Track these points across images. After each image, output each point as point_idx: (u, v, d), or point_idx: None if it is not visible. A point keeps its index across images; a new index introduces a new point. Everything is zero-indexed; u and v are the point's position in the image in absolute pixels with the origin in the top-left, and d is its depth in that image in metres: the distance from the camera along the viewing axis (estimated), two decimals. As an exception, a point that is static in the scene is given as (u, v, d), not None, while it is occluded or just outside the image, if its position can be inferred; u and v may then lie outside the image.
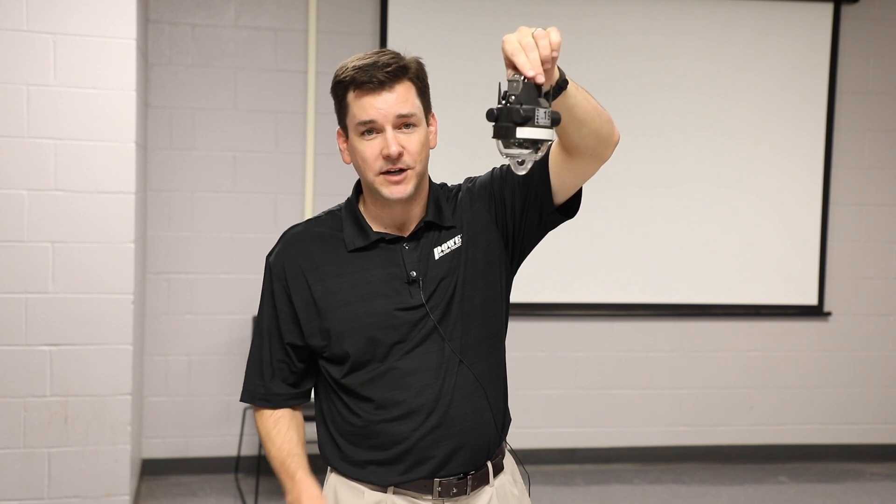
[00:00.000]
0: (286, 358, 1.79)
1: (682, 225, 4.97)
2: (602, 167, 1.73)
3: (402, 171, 1.67)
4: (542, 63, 1.40)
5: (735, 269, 5.04)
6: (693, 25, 4.93)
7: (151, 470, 4.62)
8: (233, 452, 4.68)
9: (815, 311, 5.14)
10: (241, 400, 1.87)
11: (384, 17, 4.66)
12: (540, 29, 1.44)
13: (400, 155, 1.66)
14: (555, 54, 1.42)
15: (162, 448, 4.66)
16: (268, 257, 1.82)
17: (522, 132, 1.40)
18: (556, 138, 1.46)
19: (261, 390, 1.82)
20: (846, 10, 5.02)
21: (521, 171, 1.47)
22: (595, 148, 1.66)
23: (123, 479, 3.80)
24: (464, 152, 4.16)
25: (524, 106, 1.39)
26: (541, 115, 1.40)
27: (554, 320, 4.97)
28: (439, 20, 4.75)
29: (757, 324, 5.13)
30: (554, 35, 1.43)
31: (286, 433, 1.80)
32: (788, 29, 4.98)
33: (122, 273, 3.74)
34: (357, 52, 1.76)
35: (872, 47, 5.10)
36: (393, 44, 4.60)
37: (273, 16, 4.66)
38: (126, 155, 3.74)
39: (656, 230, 4.95)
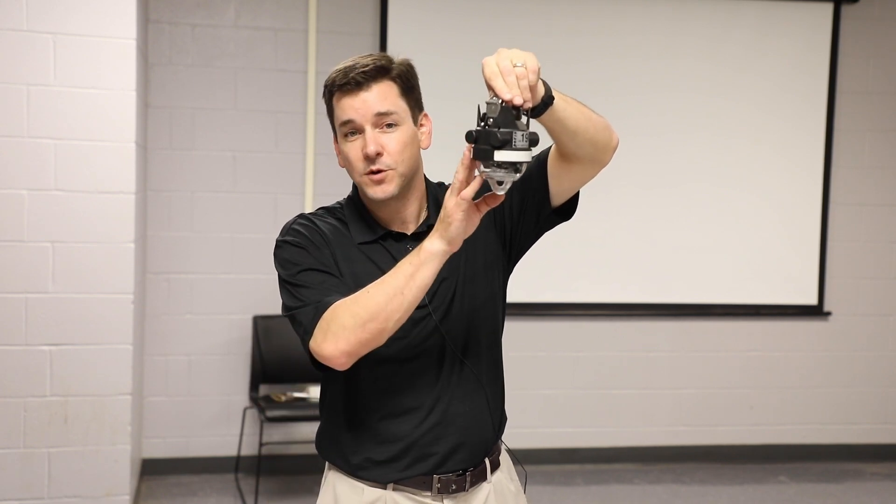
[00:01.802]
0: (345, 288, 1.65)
1: (682, 225, 4.98)
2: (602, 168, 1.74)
3: (382, 171, 1.68)
4: (521, 88, 1.43)
5: (735, 269, 5.04)
6: (693, 25, 4.93)
7: (151, 470, 4.62)
8: (233, 452, 4.69)
9: (815, 311, 5.14)
10: (306, 338, 1.62)
11: (384, 17, 4.66)
12: (517, 50, 1.47)
13: (378, 154, 1.67)
14: (532, 77, 1.45)
15: (162, 448, 4.66)
16: (282, 238, 1.74)
17: (500, 155, 1.44)
18: (532, 159, 1.49)
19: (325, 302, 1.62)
20: (846, 10, 5.02)
21: (501, 191, 1.51)
22: (593, 154, 1.67)
23: (123, 479, 3.80)
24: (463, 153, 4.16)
25: (501, 129, 1.43)
26: (518, 137, 1.44)
27: (554, 320, 4.97)
28: (439, 20, 4.75)
29: (757, 324, 5.13)
30: (531, 61, 1.46)
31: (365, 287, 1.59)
32: (788, 29, 4.98)
33: (122, 273, 3.74)
34: (357, 53, 1.77)
35: (872, 47, 5.10)
36: (393, 44, 4.61)
37: (273, 16, 4.66)
38: (126, 155, 3.74)
39: (656, 230, 4.96)
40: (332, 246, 1.73)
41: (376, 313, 1.54)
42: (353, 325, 1.55)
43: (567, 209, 1.79)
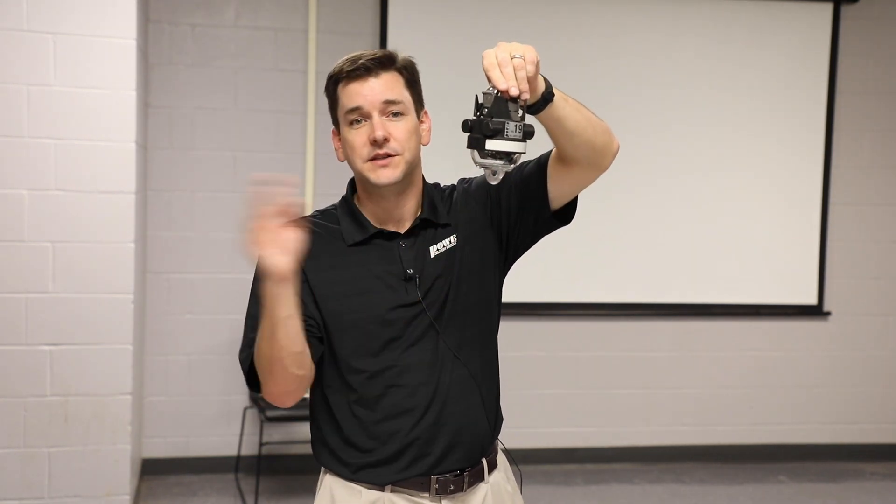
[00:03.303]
0: None
1: (681, 225, 4.98)
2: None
3: (388, 156, 1.68)
4: (518, 79, 1.45)
5: (735, 269, 5.04)
6: (693, 25, 4.93)
7: (151, 470, 4.62)
8: (233, 452, 4.69)
9: (815, 311, 5.14)
10: (246, 375, 1.72)
11: (384, 17, 4.67)
12: (517, 43, 1.49)
13: (386, 140, 1.67)
14: (530, 68, 1.46)
15: (162, 448, 4.66)
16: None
17: (491, 145, 1.46)
18: (526, 151, 1.50)
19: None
20: (846, 10, 5.02)
21: (493, 181, 1.53)
22: (591, 158, 1.67)
23: (123, 478, 3.81)
24: (463, 152, 4.16)
25: (494, 119, 1.45)
26: (511, 128, 1.45)
27: (554, 320, 4.97)
28: (439, 20, 4.75)
29: (757, 324, 5.13)
30: (529, 53, 1.47)
31: None
32: (788, 28, 4.98)
33: (122, 273, 3.74)
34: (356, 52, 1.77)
35: (872, 47, 5.10)
36: (393, 44, 4.60)
37: (273, 16, 4.66)
38: (126, 155, 3.74)
39: (656, 230, 4.96)
40: (315, 257, 1.72)
41: (269, 359, 1.61)
42: (265, 374, 1.65)
43: (565, 214, 1.79)
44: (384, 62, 1.70)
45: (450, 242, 1.76)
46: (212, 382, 4.68)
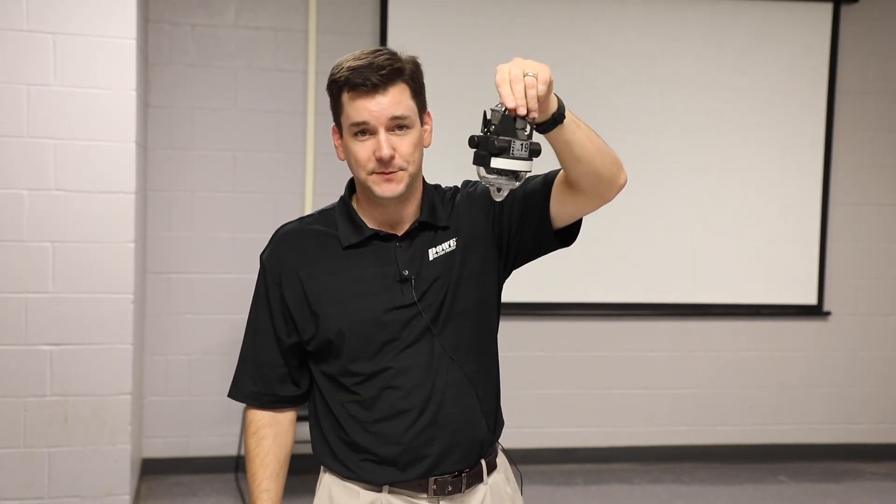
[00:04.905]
0: (280, 359, 1.80)
1: (682, 225, 4.98)
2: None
3: (393, 171, 1.67)
4: (528, 98, 1.43)
5: (735, 269, 5.04)
6: (692, 25, 4.93)
7: (151, 470, 4.62)
8: (233, 452, 4.69)
9: (815, 311, 5.14)
10: (230, 395, 1.87)
11: (384, 17, 4.67)
12: (532, 61, 1.47)
13: (392, 157, 1.66)
14: (541, 87, 1.44)
15: (162, 448, 4.66)
16: (261, 256, 1.83)
17: (497, 163, 1.45)
18: (532, 169, 1.49)
19: (252, 388, 1.84)
20: (846, 10, 5.02)
21: (498, 198, 1.53)
22: (595, 187, 1.67)
23: (123, 479, 3.81)
24: (463, 153, 4.15)
25: (500, 137, 1.44)
26: (517, 146, 1.44)
27: (554, 320, 4.97)
28: (439, 21, 4.75)
29: (757, 324, 5.13)
30: (543, 72, 1.45)
31: (265, 457, 1.82)
32: (788, 29, 4.98)
33: (122, 273, 3.75)
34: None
35: (872, 47, 5.10)
36: (392, 44, 4.60)
37: (273, 16, 4.66)
38: (126, 155, 3.74)
39: (656, 230, 4.96)
40: (311, 264, 1.74)
41: (247, 467, 1.89)
42: (244, 445, 1.87)
43: (568, 235, 1.79)
44: (392, 76, 1.65)
45: (450, 246, 1.76)
46: (212, 382, 4.68)
